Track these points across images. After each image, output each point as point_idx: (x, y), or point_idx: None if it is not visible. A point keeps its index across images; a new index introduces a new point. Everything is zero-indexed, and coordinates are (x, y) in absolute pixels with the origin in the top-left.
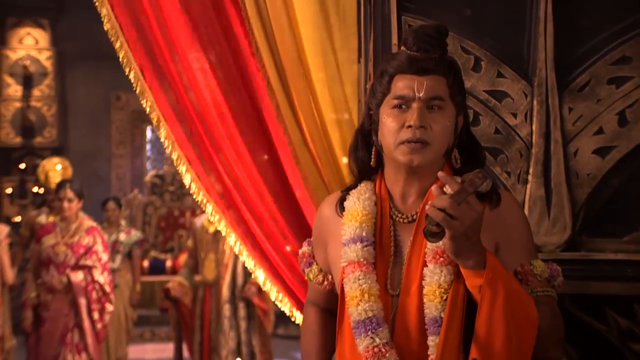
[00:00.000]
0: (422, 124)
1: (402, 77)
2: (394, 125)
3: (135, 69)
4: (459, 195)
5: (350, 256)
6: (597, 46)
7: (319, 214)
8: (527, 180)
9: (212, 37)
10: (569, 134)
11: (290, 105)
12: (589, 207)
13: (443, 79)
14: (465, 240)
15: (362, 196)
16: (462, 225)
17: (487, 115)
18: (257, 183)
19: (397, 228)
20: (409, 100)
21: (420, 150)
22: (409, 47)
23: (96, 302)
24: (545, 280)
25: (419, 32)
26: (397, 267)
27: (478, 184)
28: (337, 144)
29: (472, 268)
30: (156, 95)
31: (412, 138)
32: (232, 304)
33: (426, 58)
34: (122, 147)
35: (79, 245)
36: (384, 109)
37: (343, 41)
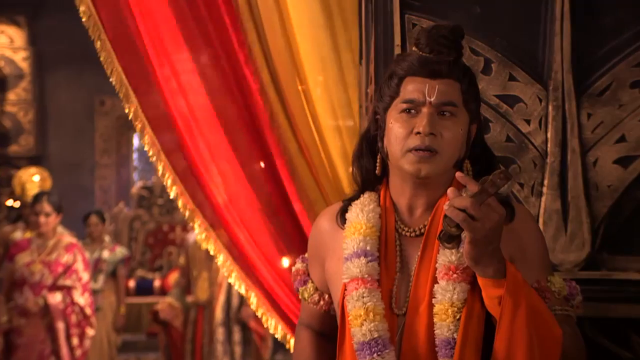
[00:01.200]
0: (432, 130)
1: (413, 80)
2: (401, 132)
3: (118, 70)
4: (480, 196)
5: (353, 272)
6: (619, 46)
7: (316, 227)
8: (541, 193)
9: (202, 37)
10: (588, 142)
11: (285, 111)
12: (610, 222)
13: (457, 83)
14: (486, 245)
15: (366, 207)
16: (483, 228)
17: (498, 122)
18: (251, 197)
19: (402, 242)
20: (418, 104)
21: (428, 160)
22: (421, 48)
23: (76, 326)
24: (563, 299)
25: (433, 32)
26: (403, 284)
27: (500, 185)
28: (338, 154)
29: (492, 277)
30: (141, 99)
31: (420, 146)
32: (227, 327)
33: (439, 60)
34: (107, 156)
35: (57, 263)
36: (392, 113)
37: (347, 41)
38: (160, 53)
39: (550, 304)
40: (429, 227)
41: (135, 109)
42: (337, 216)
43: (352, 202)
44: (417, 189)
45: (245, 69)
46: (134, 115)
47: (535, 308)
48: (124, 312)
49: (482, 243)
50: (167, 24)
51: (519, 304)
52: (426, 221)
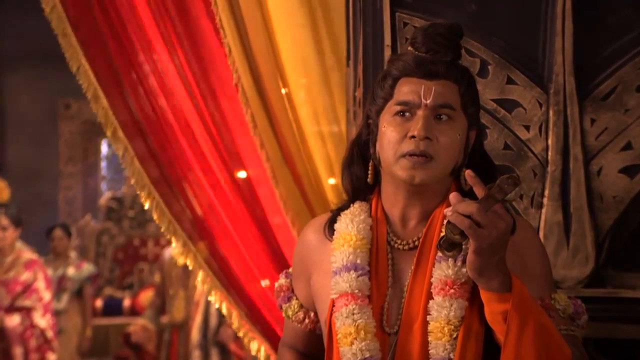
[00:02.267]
0: (427, 134)
1: (407, 81)
2: (394, 136)
3: (86, 70)
4: (487, 202)
5: (343, 287)
6: (625, 47)
7: (302, 240)
8: (542, 204)
9: (178, 35)
10: (592, 149)
11: (267, 115)
12: (616, 236)
13: (454, 85)
14: (492, 255)
15: (357, 218)
16: (489, 236)
17: (495, 128)
18: (232, 208)
19: (395, 256)
20: (413, 107)
21: (423, 166)
22: (417, 47)
23: (35, 351)
24: (568, 318)
25: (429, 30)
26: (394, 300)
27: (508, 191)
28: (322, 162)
29: (496, 290)
30: (112, 102)
31: (414, 150)
32: (204, 350)
33: (436, 60)
34: (72, 164)
35: (16, 282)
36: (385, 116)
37: (332, 42)
38: (132, 51)
39: (554, 323)
40: (424, 240)
41: (105, 112)
42: (324, 227)
43: (341, 212)
44: (411, 198)
45: (225, 71)
46: (104, 119)
47: (544, 325)
48: (90, 335)
49: (487, 253)
50: (141, 20)
51: (527, 320)
52: (420, 233)
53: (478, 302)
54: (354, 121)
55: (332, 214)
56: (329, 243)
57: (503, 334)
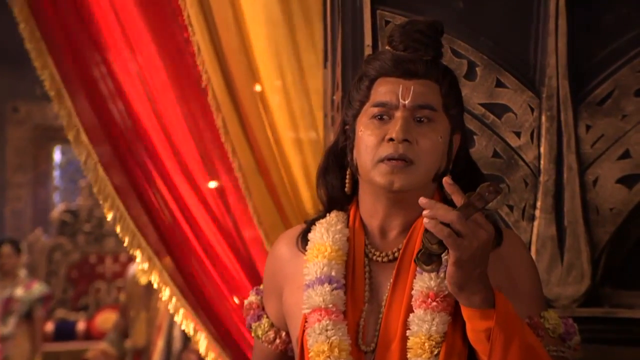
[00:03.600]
0: (406, 137)
1: (385, 81)
2: (372, 139)
3: (50, 67)
4: (467, 210)
5: (315, 301)
6: (623, 48)
7: (273, 253)
8: (534, 217)
9: (140, 32)
10: (587, 158)
11: (239, 120)
12: (613, 251)
13: (435, 85)
14: (473, 267)
15: (332, 228)
16: (470, 247)
17: (483, 135)
18: (201, 220)
19: (372, 268)
20: (391, 108)
21: (402, 170)
22: (394, 45)
23: None
24: (558, 338)
25: (408, 27)
26: (371, 316)
27: (489, 200)
28: (299, 170)
29: (479, 306)
30: (76, 103)
31: (393, 154)
32: None
33: (415, 59)
34: (21, 173)
35: None
36: (362, 120)
37: (309, 41)
38: (97, 49)
39: (543, 343)
40: (404, 251)
41: (68, 113)
42: (297, 239)
43: (316, 222)
44: (391, 207)
45: (193, 71)
46: (67, 121)
47: (531, 345)
48: None
49: (468, 265)
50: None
51: (511, 339)
52: (400, 244)
53: (462, 317)
54: (331, 126)
55: (307, 224)
56: (302, 256)
57: (486, 354)
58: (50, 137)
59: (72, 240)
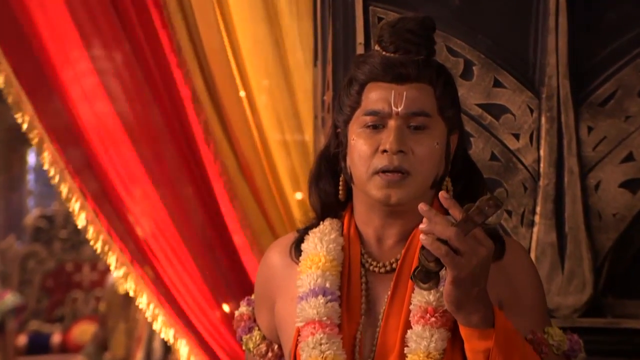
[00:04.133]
0: (401, 147)
1: (376, 87)
2: (365, 150)
3: (7, 70)
4: (465, 226)
5: (309, 314)
6: (626, 47)
7: (265, 263)
8: (533, 223)
9: (117, 29)
10: (589, 161)
11: (222, 122)
12: (616, 259)
13: (429, 87)
14: (472, 286)
15: (326, 237)
16: (469, 265)
17: (480, 137)
18: (181, 227)
19: (369, 279)
20: (384, 116)
21: (399, 183)
22: (384, 46)
23: None
24: (563, 355)
25: (398, 26)
26: (368, 329)
27: (489, 214)
28: (286, 174)
29: (477, 326)
30: (38, 106)
31: (388, 167)
32: None
33: (407, 61)
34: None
35: None
36: (353, 127)
37: (297, 39)
38: (63, 48)
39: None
40: (402, 262)
41: (30, 117)
42: (290, 248)
43: (309, 231)
44: (387, 217)
45: (174, 71)
46: (29, 125)
47: None
48: None
49: (466, 283)
50: (75, 11)
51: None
52: (399, 254)
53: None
54: (322, 128)
55: (299, 233)
56: (295, 266)
57: None
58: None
59: (47, 247)
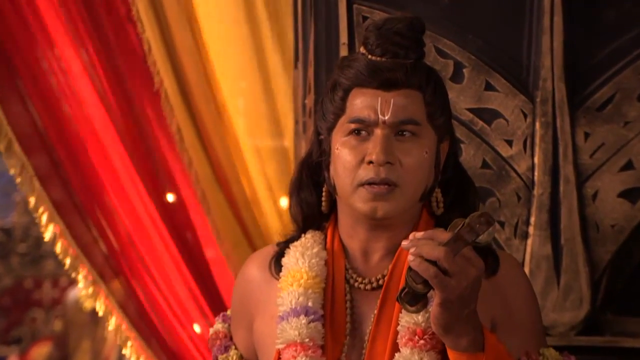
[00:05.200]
0: (388, 158)
1: (361, 93)
2: (349, 160)
3: None
4: (455, 245)
5: (290, 335)
6: (625, 48)
7: (243, 277)
8: (527, 234)
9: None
10: (586, 169)
11: (195, 127)
12: (615, 273)
13: (418, 94)
14: (461, 308)
15: (308, 251)
16: (458, 287)
17: (471, 143)
18: (154, 239)
19: (354, 297)
20: (370, 125)
21: (386, 196)
22: (370, 49)
23: None
24: None
25: (385, 28)
26: (353, 351)
27: (480, 232)
28: (263, 183)
29: (466, 350)
30: (6, 108)
31: (374, 179)
32: None
33: (394, 66)
34: None
35: None
36: (337, 136)
37: (276, 39)
38: (31, 47)
39: None
40: (389, 278)
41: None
42: (270, 262)
43: (290, 244)
44: (373, 230)
45: (145, 72)
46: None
47: None
48: None
49: (455, 306)
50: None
51: None
52: (385, 270)
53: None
54: (303, 134)
55: (279, 246)
56: (275, 282)
57: None
58: None
59: (4, 262)
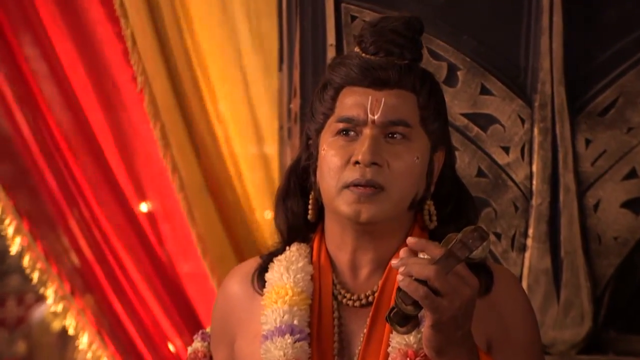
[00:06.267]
0: (375, 159)
1: (352, 91)
2: (335, 161)
3: None
4: (447, 262)
5: (275, 355)
6: (628, 49)
7: (224, 293)
8: (525, 246)
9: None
10: (587, 177)
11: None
12: (618, 287)
13: (412, 96)
14: (454, 330)
15: (293, 266)
16: (451, 307)
17: (466, 150)
18: (130, 251)
19: (343, 314)
20: (358, 124)
21: (371, 199)
22: (364, 47)
23: None
24: None
25: (380, 26)
26: None
27: (473, 248)
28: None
29: None
30: None
31: (359, 180)
32: None
33: (387, 64)
34: None
35: None
36: (325, 136)
37: (258, 40)
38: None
39: None
40: (380, 295)
41: None
42: (253, 277)
43: (274, 258)
44: (360, 239)
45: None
46: None
47: None
48: None
49: (448, 328)
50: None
51: None
52: (375, 286)
53: None
54: (288, 140)
55: (263, 260)
56: (259, 298)
57: None
58: None
59: None
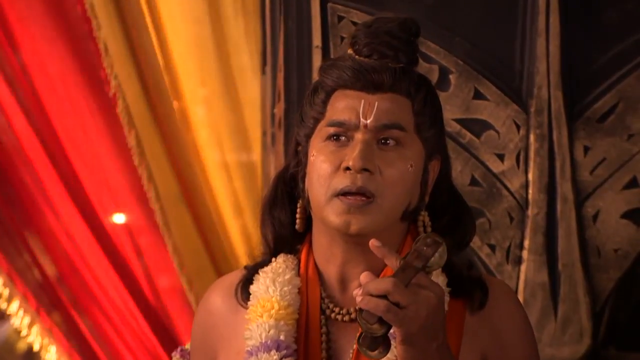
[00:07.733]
0: (366, 165)
1: (343, 95)
2: (325, 167)
3: None
4: (405, 274)
5: None
6: (628, 52)
7: (205, 306)
8: (520, 259)
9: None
10: (586, 187)
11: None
12: (619, 302)
13: (406, 101)
14: (427, 341)
15: (280, 278)
16: (417, 317)
17: (459, 158)
18: (101, 265)
19: (331, 329)
20: (350, 128)
21: (361, 209)
22: (357, 49)
23: None
24: None
25: (374, 27)
26: None
27: (428, 255)
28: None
29: None
30: None
31: (349, 187)
32: None
33: (381, 67)
34: None
35: None
36: (315, 141)
37: (242, 41)
38: None
39: None
40: None
41: None
42: (237, 290)
43: (259, 269)
44: (350, 251)
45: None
46: None
47: None
48: None
49: (420, 340)
50: None
51: None
52: None
53: None
54: (272, 147)
55: (247, 271)
56: (243, 311)
57: None
58: None
59: None
